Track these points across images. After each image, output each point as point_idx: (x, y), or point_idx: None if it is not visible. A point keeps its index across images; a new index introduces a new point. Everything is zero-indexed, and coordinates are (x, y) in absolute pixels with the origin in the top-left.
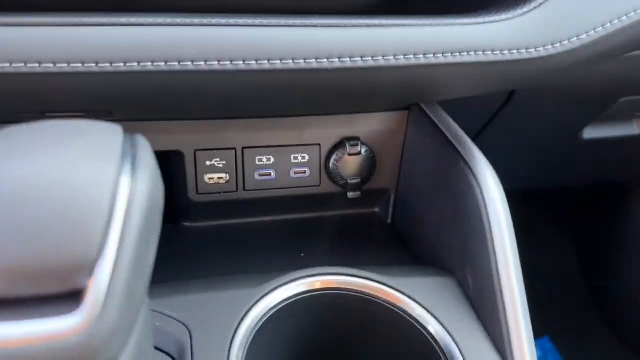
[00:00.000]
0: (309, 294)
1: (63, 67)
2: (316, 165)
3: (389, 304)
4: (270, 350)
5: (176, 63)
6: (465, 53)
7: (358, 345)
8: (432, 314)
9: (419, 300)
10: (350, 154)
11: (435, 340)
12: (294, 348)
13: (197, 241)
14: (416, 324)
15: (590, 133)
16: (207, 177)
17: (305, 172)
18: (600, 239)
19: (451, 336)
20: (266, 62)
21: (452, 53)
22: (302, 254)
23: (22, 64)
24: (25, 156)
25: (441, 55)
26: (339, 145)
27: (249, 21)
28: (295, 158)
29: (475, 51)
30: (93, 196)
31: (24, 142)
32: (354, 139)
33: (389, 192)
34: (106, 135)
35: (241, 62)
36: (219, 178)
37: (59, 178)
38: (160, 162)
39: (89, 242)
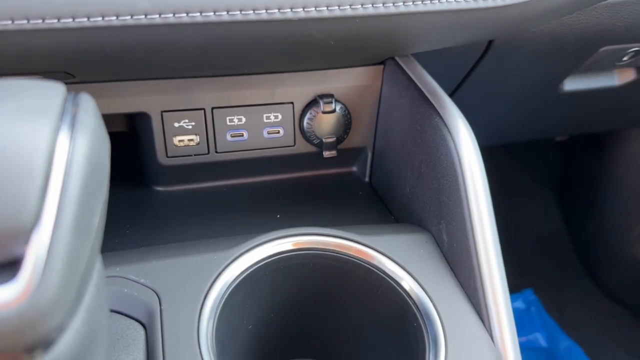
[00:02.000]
0: (281, 256)
1: (6, 24)
2: (290, 125)
3: (362, 261)
4: (242, 314)
5: (128, 17)
6: (437, 1)
7: (333, 304)
8: (406, 270)
9: (393, 257)
10: (324, 112)
11: (410, 296)
12: (266, 311)
13: (168, 205)
14: (390, 281)
15: (571, 85)
16: (176, 139)
17: (278, 132)
18: (582, 189)
19: (425, 291)
20: (238, 12)
21: (423, 1)
22: (278, 216)
23: None
24: None
25: (411, 3)
26: (313, 102)
27: None
28: (268, 117)
29: None
30: (27, 158)
31: None
32: (327, 96)
33: (366, 150)
34: (46, 94)
35: (211, 14)
36: (189, 140)
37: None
38: (127, 125)
39: (23, 207)
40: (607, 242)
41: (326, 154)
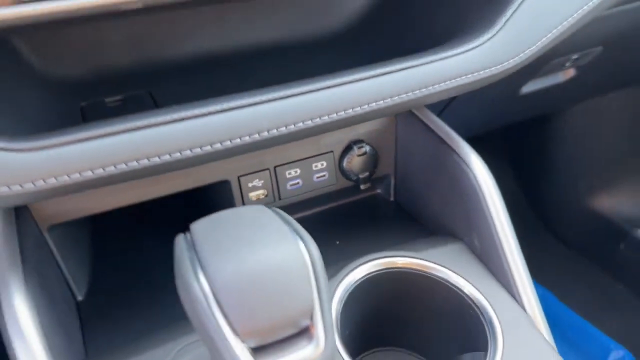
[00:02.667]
0: (369, 276)
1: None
2: (332, 168)
3: (427, 273)
4: (347, 314)
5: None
6: (449, 81)
7: (410, 310)
8: (463, 278)
9: (451, 268)
10: (358, 155)
11: (470, 299)
12: (360, 313)
13: None
14: (455, 289)
15: (527, 88)
16: (251, 195)
17: (324, 175)
18: (532, 157)
19: (479, 292)
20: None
21: (438, 84)
22: (337, 242)
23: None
24: (245, 244)
25: (431, 86)
26: (348, 148)
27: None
28: (316, 166)
29: (458, 77)
30: (299, 269)
31: (236, 231)
32: (359, 142)
33: (389, 176)
34: (271, 217)
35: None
36: (261, 194)
37: (275, 261)
38: (207, 192)
39: (309, 297)
40: (560, 198)
41: (362, 187)
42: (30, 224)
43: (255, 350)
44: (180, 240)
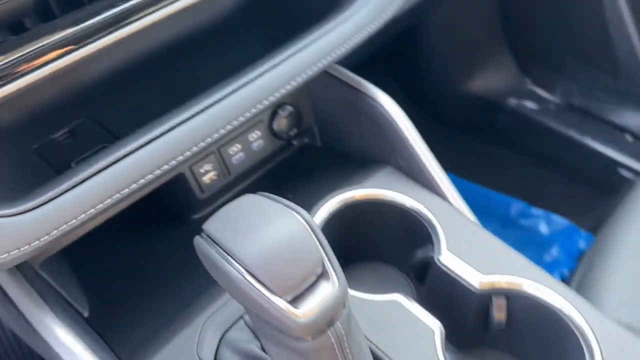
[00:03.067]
0: (337, 209)
1: None
2: (266, 134)
3: (383, 200)
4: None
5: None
6: (339, 49)
7: (370, 231)
8: (402, 194)
9: (391, 189)
10: (284, 117)
11: (413, 209)
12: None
13: None
14: (400, 205)
15: None
16: (204, 179)
17: (261, 142)
18: (410, 57)
19: (416, 201)
20: None
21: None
22: (290, 195)
23: None
24: (256, 228)
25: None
26: (274, 113)
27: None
28: (252, 137)
29: (343, 44)
30: (303, 233)
31: (242, 220)
32: (282, 105)
33: (313, 127)
34: (264, 202)
35: None
36: (213, 175)
37: (285, 233)
38: (164, 186)
39: (316, 253)
40: (438, 87)
41: (295, 142)
42: (26, 266)
43: (292, 301)
44: (200, 241)
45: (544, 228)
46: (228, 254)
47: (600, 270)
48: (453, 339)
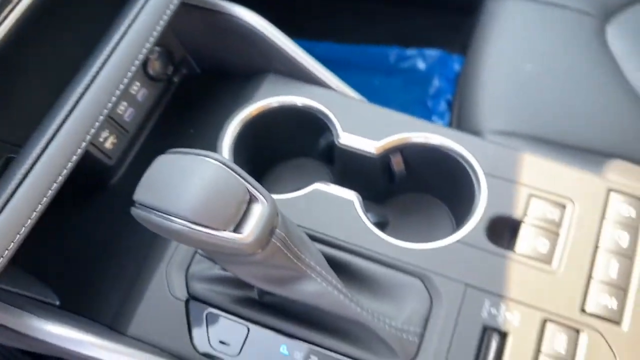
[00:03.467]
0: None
1: None
2: (145, 82)
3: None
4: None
5: None
6: None
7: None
8: (293, 95)
9: (282, 93)
10: (156, 60)
11: (307, 107)
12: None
13: None
14: (294, 107)
15: None
16: (106, 145)
17: (143, 91)
18: None
19: (309, 99)
20: None
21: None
22: (192, 130)
23: None
24: (183, 183)
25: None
26: (146, 62)
27: None
28: (134, 89)
29: None
30: (223, 172)
31: (167, 180)
32: (151, 51)
33: (187, 58)
34: (177, 157)
35: None
36: (113, 139)
37: (209, 178)
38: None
39: (240, 186)
40: None
41: (175, 79)
42: None
43: (235, 229)
44: (137, 211)
45: (421, 64)
46: (167, 214)
47: (473, 87)
48: (370, 200)
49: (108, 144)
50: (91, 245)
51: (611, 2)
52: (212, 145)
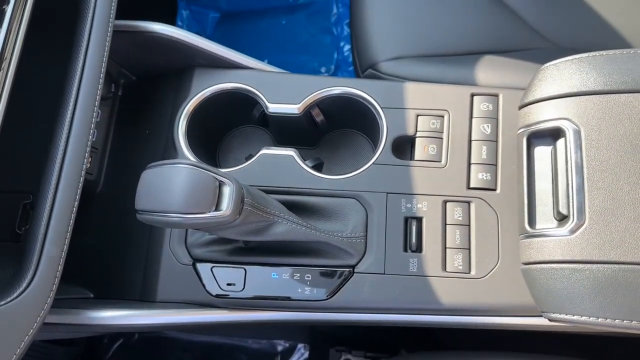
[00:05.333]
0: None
1: None
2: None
3: (209, 96)
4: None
5: None
6: None
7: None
8: (221, 83)
9: (211, 84)
10: None
11: (234, 89)
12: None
13: None
14: (225, 91)
15: None
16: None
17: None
18: None
19: (234, 83)
20: None
21: None
22: (147, 131)
23: None
24: (170, 183)
25: None
26: None
27: None
28: None
29: None
30: (199, 174)
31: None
32: None
33: (123, 73)
34: (161, 166)
35: None
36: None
37: (187, 178)
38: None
39: (210, 177)
40: None
41: (120, 92)
42: None
43: (216, 209)
44: (142, 217)
45: None
46: (164, 213)
47: (362, 24)
48: (306, 146)
49: (87, 164)
50: (102, 245)
51: None
52: (167, 139)
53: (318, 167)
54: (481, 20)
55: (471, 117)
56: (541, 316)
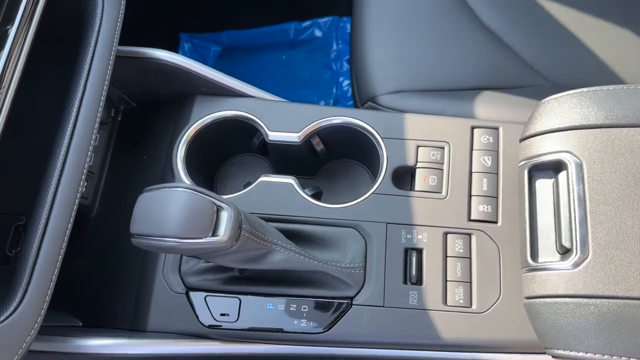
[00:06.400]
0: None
1: None
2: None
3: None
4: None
5: None
6: None
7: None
8: (222, 110)
9: (211, 111)
10: None
11: (235, 116)
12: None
13: None
14: (226, 118)
15: None
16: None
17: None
18: None
19: (235, 110)
20: None
21: None
22: (145, 157)
23: None
24: (166, 213)
25: None
26: None
27: None
28: None
29: None
30: (196, 198)
31: (152, 213)
32: None
33: (123, 98)
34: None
35: None
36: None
37: (184, 202)
38: None
39: (208, 202)
40: None
41: (119, 117)
42: None
43: (213, 234)
44: (136, 241)
45: (318, 33)
46: (160, 237)
47: (362, 61)
48: (305, 175)
49: (82, 188)
50: (94, 270)
51: None
52: (165, 164)
53: (317, 196)
54: (480, 56)
55: (472, 149)
56: (544, 353)
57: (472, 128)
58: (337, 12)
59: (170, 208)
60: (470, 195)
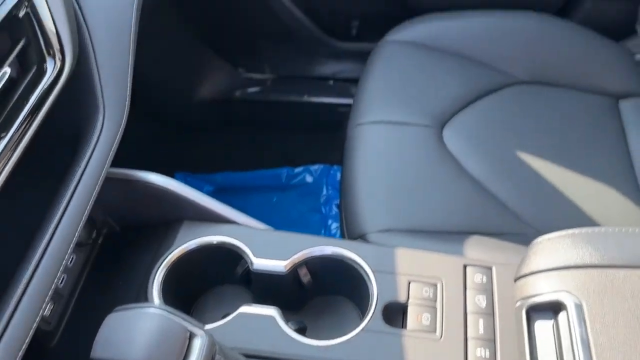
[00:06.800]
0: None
1: None
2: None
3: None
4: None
5: None
6: None
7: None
8: (209, 235)
9: (197, 236)
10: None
11: (220, 243)
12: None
13: None
14: (211, 245)
15: None
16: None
17: (72, 257)
18: None
19: (222, 236)
20: None
21: None
22: (120, 282)
23: None
24: (136, 330)
25: None
26: None
27: None
28: None
29: None
30: (170, 322)
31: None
32: None
33: (107, 220)
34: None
35: None
36: (49, 307)
37: (155, 326)
38: None
39: (183, 328)
40: (177, 100)
41: (100, 240)
42: None
43: None
44: None
45: (309, 178)
46: None
47: (351, 200)
48: (289, 309)
49: (47, 312)
50: None
51: (441, 114)
52: (140, 290)
53: (301, 331)
54: (467, 202)
55: (465, 288)
56: None
57: (465, 266)
58: (327, 160)
59: (137, 331)
60: (466, 337)
